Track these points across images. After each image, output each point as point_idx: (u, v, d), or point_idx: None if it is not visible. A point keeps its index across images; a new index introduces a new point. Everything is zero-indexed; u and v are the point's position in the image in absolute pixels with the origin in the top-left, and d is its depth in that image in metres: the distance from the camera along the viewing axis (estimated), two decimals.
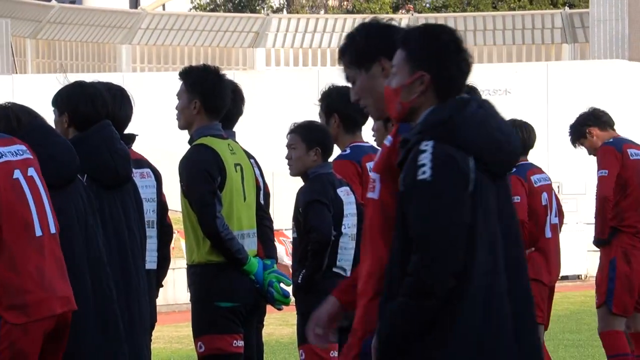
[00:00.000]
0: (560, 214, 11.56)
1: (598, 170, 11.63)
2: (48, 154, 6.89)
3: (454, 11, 56.99)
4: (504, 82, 42.88)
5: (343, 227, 8.48)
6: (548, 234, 10.94)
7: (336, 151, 9.09)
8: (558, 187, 13.99)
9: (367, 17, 25.37)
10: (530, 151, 11.23)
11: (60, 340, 6.48)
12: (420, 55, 5.03)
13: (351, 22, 52.90)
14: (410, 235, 4.76)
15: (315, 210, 8.35)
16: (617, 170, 11.34)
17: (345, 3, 65.37)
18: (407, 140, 4.90)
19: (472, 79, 13.72)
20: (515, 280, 5.02)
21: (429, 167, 4.76)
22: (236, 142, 8.79)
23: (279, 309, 8.49)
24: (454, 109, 4.86)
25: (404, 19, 53.80)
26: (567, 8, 52.35)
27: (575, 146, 12.32)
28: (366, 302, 5.13)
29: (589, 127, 11.94)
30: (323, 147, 8.62)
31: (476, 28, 49.97)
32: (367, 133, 8.91)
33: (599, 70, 43.31)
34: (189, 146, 8.56)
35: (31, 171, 6.60)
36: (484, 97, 10.62)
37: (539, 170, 11.16)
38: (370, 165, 8.68)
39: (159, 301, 9.24)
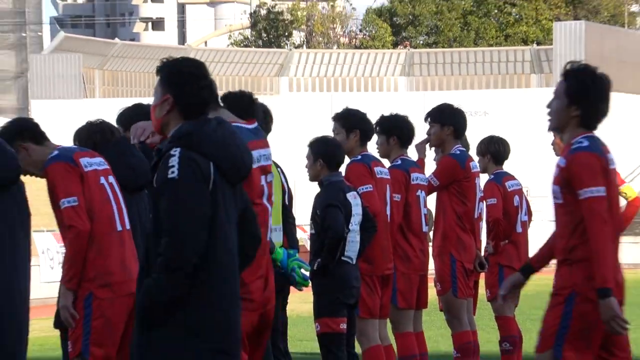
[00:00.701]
0: (529, 213, 11.31)
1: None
2: (128, 164, 7.01)
3: (443, 47, 55.84)
4: (483, 105, 42.26)
5: (350, 224, 8.36)
6: (519, 229, 10.72)
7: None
8: (527, 190, 13.45)
9: (372, 52, 24.80)
10: (506, 161, 10.98)
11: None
12: (167, 81, 5.16)
13: (359, 56, 52.46)
14: (162, 223, 4.88)
15: (330, 213, 8.26)
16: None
17: (354, 40, 64.64)
18: (160, 149, 5.03)
19: (458, 103, 13.60)
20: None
21: (176, 168, 4.91)
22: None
23: (300, 290, 8.30)
24: (195, 125, 4.96)
25: (401, 54, 53.15)
26: (535, 45, 51.37)
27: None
28: None
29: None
30: (327, 159, 8.49)
31: (461, 61, 48.74)
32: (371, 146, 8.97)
33: None
34: None
35: (111, 179, 6.76)
36: (468, 117, 10.52)
37: (511, 177, 10.85)
38: (377, 169, 8.68)
39: None
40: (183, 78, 5.16)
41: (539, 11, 60.41)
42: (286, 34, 62.77)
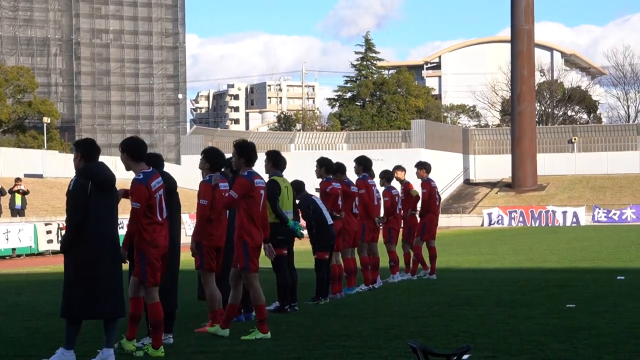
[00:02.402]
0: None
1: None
2: (167, 178, 10.69)
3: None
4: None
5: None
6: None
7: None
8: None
9: (330, 132, 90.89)
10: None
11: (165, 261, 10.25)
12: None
13: (326, 134, 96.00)
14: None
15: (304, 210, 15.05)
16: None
17: (323, 127, 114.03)
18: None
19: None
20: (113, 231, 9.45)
21: (72, 184, 9.29)
22: (284, 177, 13.99)
23: (300, 238, 14.20)
24: (89, 165, 9.31)
25: (344, 133, 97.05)
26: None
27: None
28: None
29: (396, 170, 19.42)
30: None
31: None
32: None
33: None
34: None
35: (162, 192, 10.10)
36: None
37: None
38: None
39: None
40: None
41: None
42: (294, 124, 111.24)
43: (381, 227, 18.03)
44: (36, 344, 10.13)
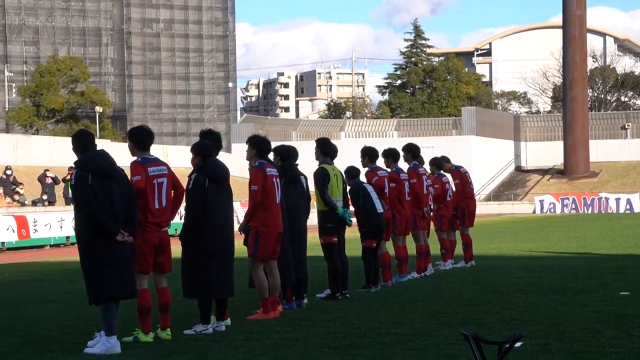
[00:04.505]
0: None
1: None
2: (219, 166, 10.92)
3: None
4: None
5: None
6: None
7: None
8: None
9: (380, 119, 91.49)
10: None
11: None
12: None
13: (374, 121, 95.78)
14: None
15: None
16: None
17: (372, 114, 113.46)
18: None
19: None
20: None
21: (73, 178, 9.31)
22: (334, 165, 13.94)
23: (349, 226, 14.10)
24: (88, 155, 9.36)
25: (394, 120, 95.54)
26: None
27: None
28: None
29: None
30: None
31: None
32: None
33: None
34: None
35: (165, 181, 10.22)
36: None
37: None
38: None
39: None
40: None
41: None
42: (344, 112, 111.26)
43: (431, 215, 17.94)
44: (89, 331, 10.21)
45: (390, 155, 16.38)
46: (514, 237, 33.03)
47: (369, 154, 15.56)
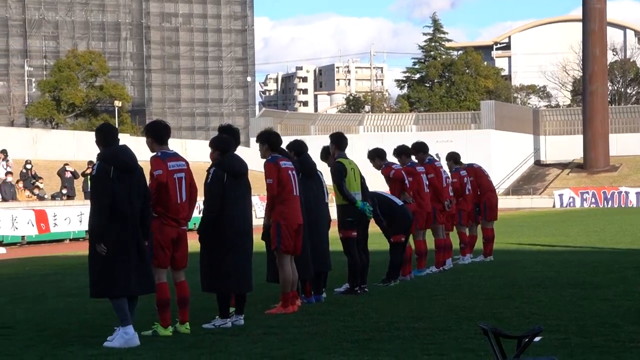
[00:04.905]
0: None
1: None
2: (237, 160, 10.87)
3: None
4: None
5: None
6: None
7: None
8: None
9: (399, 114, 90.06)
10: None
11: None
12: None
13: (392, 115, 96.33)
14: None
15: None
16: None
17: (391, 108, 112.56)
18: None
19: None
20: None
21: (94, 169, 9.36)
22: (350, 159, 13.85)
23: (370, 218, 13.99)
24: (111, 149, 9.40)
25: (413, 114, 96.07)
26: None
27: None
28: None
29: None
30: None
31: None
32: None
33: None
34: None
35: (184, 176, 10.23)
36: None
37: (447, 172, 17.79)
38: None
39: None
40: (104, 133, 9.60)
41: None
42: (363, 106, 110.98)
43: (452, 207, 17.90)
44: (108, 325, 10.24)
45: (403, 152, 16.44)
46: (533, 231, 32.93)
47: (377, 155, 15.62)
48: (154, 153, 10.24)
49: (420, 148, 16.82)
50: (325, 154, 14.06)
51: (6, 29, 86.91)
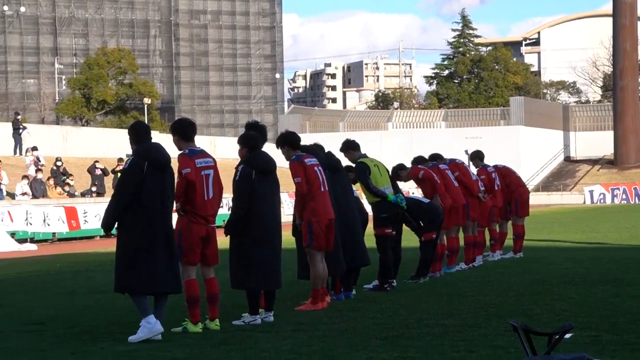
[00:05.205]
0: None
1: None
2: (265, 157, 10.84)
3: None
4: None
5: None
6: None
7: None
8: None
9: (428, 110, 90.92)
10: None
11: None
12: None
13: (421, 112, 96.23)
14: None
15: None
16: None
17: (420, 105, 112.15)
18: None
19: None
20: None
21: (128, 163, 9.30)
22: (370, 157, 14.05)
23: (404, 209, 14.09)
24: (145, 145, 9.38)
25: (442, 111, 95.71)
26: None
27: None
28: None
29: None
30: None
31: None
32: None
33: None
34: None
35: (211, 173, 10.18)
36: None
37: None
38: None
39: None
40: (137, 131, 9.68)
41: None
42: (391, 102, 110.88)
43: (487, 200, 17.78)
44: (137, 321, 10.26)
45: (421, 161, 16.33)
46: (563, 227, 32.79)
47: (399, 168, 15.67)
48: (181, 151, 10.27)
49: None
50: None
51: (37, 27, 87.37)
